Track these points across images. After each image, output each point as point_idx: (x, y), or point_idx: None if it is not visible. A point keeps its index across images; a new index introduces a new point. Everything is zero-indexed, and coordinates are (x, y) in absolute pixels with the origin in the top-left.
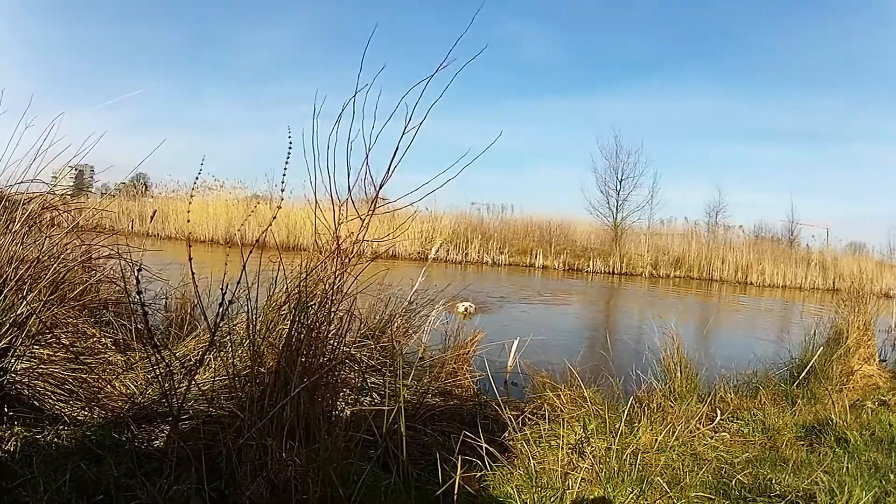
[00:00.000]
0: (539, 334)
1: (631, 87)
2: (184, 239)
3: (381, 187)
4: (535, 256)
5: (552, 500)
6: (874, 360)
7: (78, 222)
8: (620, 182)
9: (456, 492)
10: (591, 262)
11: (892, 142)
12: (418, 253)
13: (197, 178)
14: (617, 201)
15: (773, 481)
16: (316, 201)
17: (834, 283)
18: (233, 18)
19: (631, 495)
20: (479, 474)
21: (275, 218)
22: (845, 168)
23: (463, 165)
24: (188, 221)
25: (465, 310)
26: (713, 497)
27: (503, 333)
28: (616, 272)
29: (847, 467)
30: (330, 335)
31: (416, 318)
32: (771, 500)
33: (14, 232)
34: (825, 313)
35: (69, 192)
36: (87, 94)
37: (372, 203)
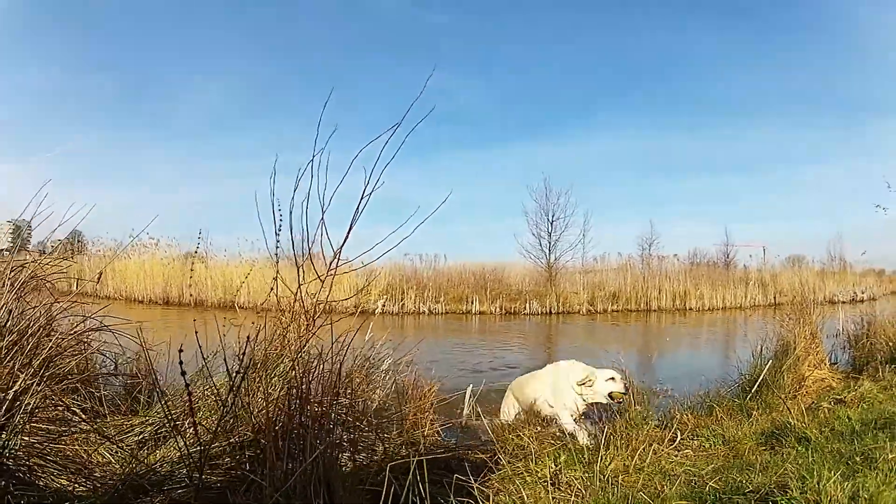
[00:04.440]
0: (488, 379)
1: (560, 130)
2: (123, 299)
3: (341, 247)
4: (472, 303)
5: None
6: (825, 365)
7: (70, 288)
8: (551, 224)
9: None
10: (527, 304)
11: (823, 162)
12: (355, 307)
13: (197, 248)
14: (549, 242)
15: (744, 482)
16: (277, 262)
17: (775, 298)
18: (172, 68)
19: None
20: None
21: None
22: (779, 191)
23: (416, 224)
24: (191, 278)
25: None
26: (691, 503)
27: (456, 381)
28: (553, 312)
29: (812, 458)
30: (333, 394)
31: (375, 373)
32: (746, 497)
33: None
34: (770, 327)
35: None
36: (19, 145)
37: (331, 263)
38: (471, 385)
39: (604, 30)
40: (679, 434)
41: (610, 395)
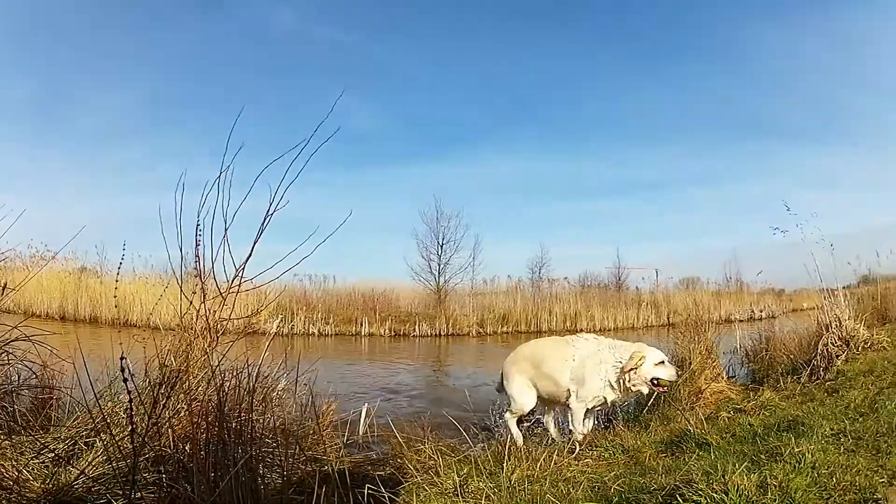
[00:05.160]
0: (382, 398)
1: (455, 153)
2: (21, 313)
3: (244, 264)
4: (361, 324)
5: None
6: (722, 378)
7: None
8: (441, 246)
9: None
10: (417, 326)
11: (718, 184)
12: (245, 328)
13: (121, 263)
14: (439, 265)
15: (648, 482)
16: (181, 280)
17: (669, 318)
18: (79, 76)
19: None
20: None
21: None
22: (673, 214)
23: (316, 244)
24: (115, 296)
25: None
26: (598, 503)
27: (352, 401)
28: (443, 334)
29: (715, 456)
30: (247, 410)
31: (273, 393)
32: (652, 494)
33: None
34: (664, 345)
35: None
36: None
37: (232, 281)
38: (366, 404)
39: (500, 55)
40: (578, 445)
41: (655, 381)
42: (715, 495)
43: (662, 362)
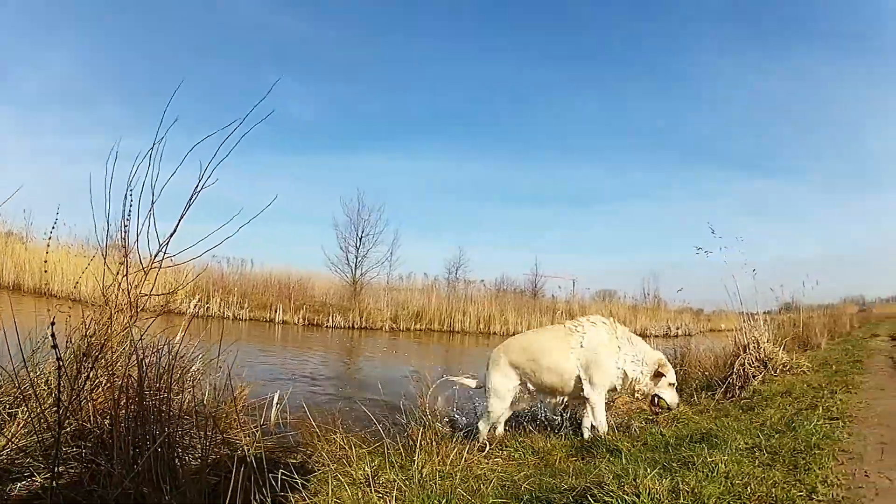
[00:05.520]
0: (294, 385)
1: (381, 147)
2: None
3: (168, 239)
4: (276, 311)
5: None
6: None
7: None
8: (360, 239)
9: None
10: (330, 317)
11: (640, 200)
12: (161, 307)
13: (53, 227)
14: (356, 257)
15: (559, 483)
16: (105, 251)
17: None
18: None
19: None
20: None
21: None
22: (597, 226)
23: (240, 225)
24: (45, 262)
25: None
26: (508, 501)
27: (264, 387)
28: (356, 327)
29: (626, 461)
30: (167, 388)
31: (188, 373)
32: (563, 494)
33: None
34: None
35: None
36: None
37: (155, 256)
38: (278, 391)
39: (449, 58)
40: (488, 445)
41: (656, 399)
42: (626, 497)
43: (673, 385)
